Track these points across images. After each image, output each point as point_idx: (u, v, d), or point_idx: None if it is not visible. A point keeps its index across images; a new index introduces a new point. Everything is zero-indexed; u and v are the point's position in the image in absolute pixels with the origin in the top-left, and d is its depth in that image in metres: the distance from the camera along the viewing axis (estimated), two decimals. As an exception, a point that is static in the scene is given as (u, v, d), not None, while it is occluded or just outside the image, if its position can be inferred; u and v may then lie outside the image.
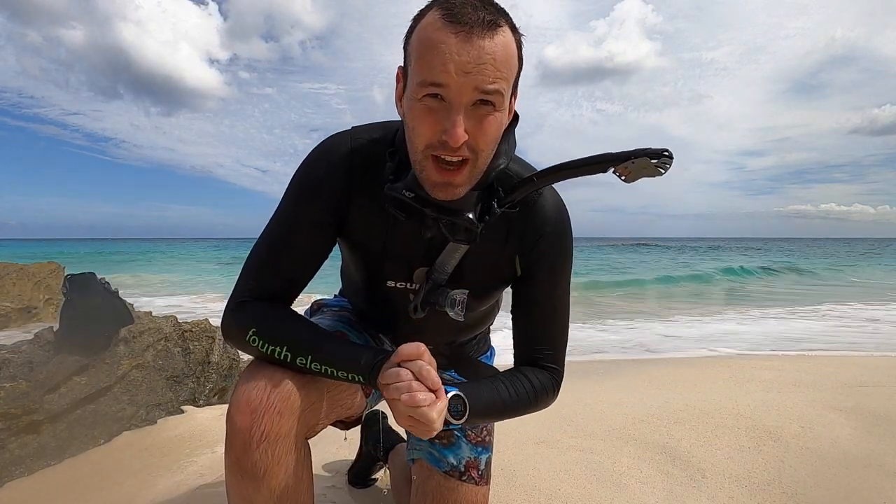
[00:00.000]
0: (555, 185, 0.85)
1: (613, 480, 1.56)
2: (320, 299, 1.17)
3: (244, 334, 0.79)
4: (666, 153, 0.69)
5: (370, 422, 1.53)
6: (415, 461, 1.11)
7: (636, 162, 0.70)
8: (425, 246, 0.85)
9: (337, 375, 0.76)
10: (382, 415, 1.53)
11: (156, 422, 2.04)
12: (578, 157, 0.74)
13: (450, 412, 0.77)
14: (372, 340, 1.03)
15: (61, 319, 1.99)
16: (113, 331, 2.08)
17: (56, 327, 2.01)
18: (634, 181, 0.73)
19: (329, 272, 1.11)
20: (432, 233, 0.78)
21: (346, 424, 0.94)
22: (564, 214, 0.89)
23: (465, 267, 0.86)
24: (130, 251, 39.02)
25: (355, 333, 1.00)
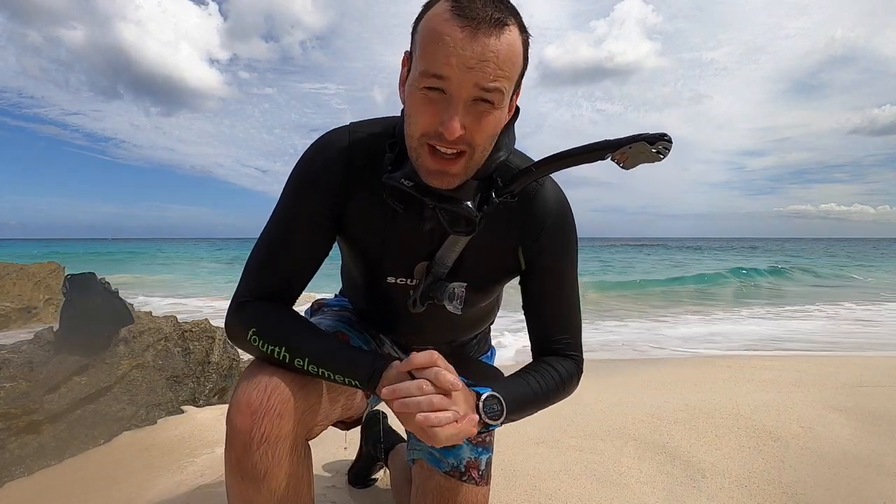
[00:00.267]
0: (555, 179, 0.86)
1: (613, 480, 1.56)
2: (321, 299, 1.17)
3: (245, 334, 0.79)
4: (665, 138, 0.69)
5: (370, 422, 1.53)
6: (415, 461, 1.11)
7: (634, 147, 0.70)
8: (426, 240, 0.85)
9: (334, 379, 0.76)
10: (383, 415, 1.53)
11: (156, 422, 2.04)
12: (576, 146, 0.74)
13: (486, 413, 0.76)
14: (373, 341, 1.03)
15: (61, 319, 1.99)
16: (113, 331, 2.08)
17: (56, 327, 2.01)
18: (633, 167, 0.72)
19: (332, 271, 1.10)
20: (432, 224, 0.78)
21: (347, 425, 0.94)
22: (566, 205, 0.90)
23: (466, 260, 0.86)
24: (130, 251, 39.01)
25: (355, 334, 0.99)
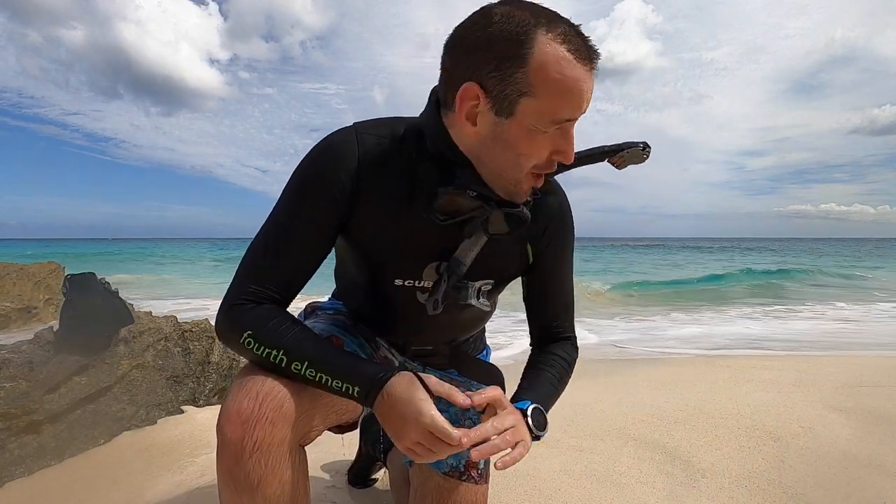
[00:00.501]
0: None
1: (613, 480, 1.56)
2: (314, 302, 1.15)
3: (239, 336, 0.78)
4: (648, 146, 1.01)
5: (369, 422, 1.53)
6: (412, 464, 1.11)
7: (629, 152, 1.00)
8: (436, 242, 0.85)
9: (331, 385, 0.75)
10: None
11: (156, 422, 2.04)
12: (581, 150, 0.89)
13: (536, 427, 0.84)
14: (367, 345, 1.02)
15: (61, 319, 1.99)
16: (113, 331, 2.08)
17: (56, 327, 2.01)
18: (623, 168, 1.02)
19: (329, 272, 1.10)
20: (475, 230, 0.82)
21: (342, 429, 0.93)
22: (566, 198, 0.98)
23: (480, 258, 0.88)
24: (130, 251, 39.01)
25: (350, 338, 0.98)
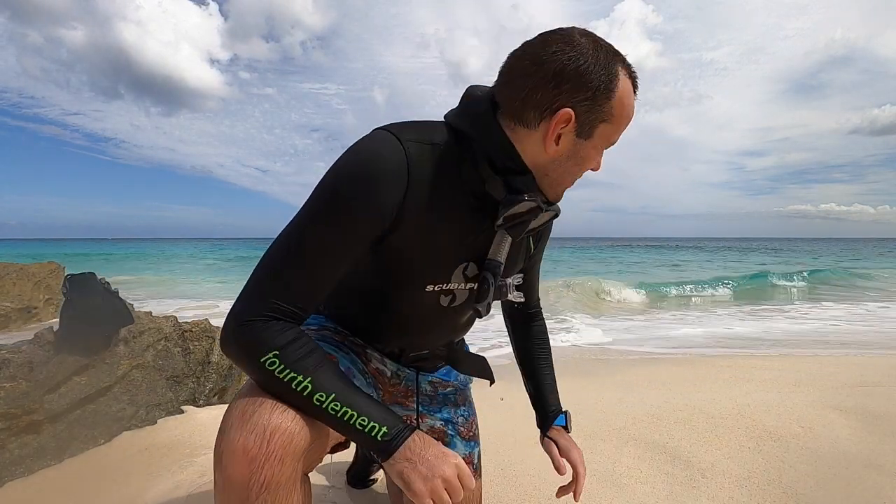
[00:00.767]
0: None
1: (613, 480, 1.56)
2: None
3: (259, 355, 0.70)
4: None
5: None
6: None
7: None
8: (464, 243, 0.84)
9: (353, 422, 0.70)
10: None
11: (156, 422, 2.04)
12: None
13: (567, 429, 1.09)
14: (359, 359, 0.99)
15: (61, 319, 1.99)
16: (113, 331, 2.08)
17: (56, 327, 2.01)
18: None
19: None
20: (520, 234, 0.84)
21: (333, 448, 0.90)
22: None
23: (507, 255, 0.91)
24: (131, 251, 39.02)
25: (342, 354, 0.95)
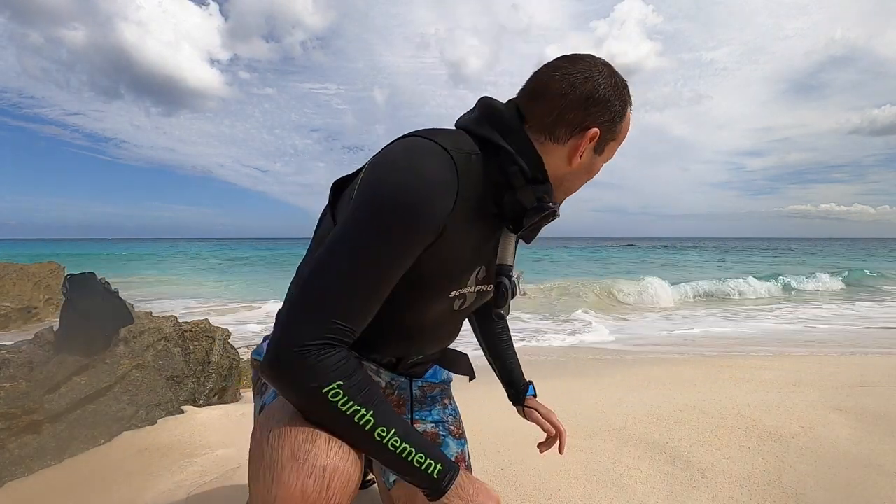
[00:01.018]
0: None
1: (613, 480, 1.56)
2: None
3: (321, 385, 0.65)
4: None
5: None
6: (396, 482, 1.05)
7: None
8: (483, 247, 0.84)
9: (411, 458, 0.68)
10: None
11: (156, 422, 2.04)
12: None
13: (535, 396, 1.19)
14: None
15: (61, 319, 1.99)
16: (113, 331, 2.08)
17: (56, 327, 2.01)
18: None
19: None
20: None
21: None
22: None
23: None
24: (131, 251, 39.01)
25: None
